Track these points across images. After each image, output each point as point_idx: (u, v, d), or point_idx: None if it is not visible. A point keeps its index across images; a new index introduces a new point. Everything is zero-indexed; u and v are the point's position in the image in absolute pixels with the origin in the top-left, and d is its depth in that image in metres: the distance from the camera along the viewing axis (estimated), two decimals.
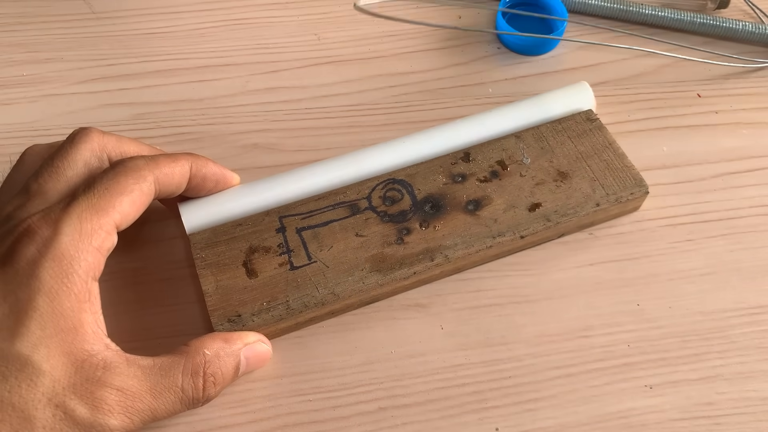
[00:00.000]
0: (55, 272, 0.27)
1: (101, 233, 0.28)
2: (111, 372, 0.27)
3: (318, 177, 0.36)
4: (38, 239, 0.27)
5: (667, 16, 0.45)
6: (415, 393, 0.33)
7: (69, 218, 0.28)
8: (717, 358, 0.34)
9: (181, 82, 0.43)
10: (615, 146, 0.37)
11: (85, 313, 0.28)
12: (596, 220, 0.37)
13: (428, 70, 0.44)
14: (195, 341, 0.30)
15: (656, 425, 0.32)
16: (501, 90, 0.43)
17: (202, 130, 0.41)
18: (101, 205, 0.29)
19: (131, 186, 0.30)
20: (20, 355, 0.25)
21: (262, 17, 0.46)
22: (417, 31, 0.45)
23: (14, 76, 0.43)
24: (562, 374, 0.33)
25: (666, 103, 0.42)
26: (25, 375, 0.25)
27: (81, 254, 0.27)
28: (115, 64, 0.43)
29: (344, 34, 0.45)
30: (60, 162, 0.30)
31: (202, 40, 0.45)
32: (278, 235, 0.34)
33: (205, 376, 0.29)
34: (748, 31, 0.44)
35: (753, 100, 0.42)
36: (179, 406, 0.29)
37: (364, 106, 0.42)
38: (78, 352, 0.27)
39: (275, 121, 0.41)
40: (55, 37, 0.45)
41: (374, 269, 0.33)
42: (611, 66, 0.44)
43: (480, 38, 0.45)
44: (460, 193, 0.35)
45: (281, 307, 0.32)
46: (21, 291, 0.26)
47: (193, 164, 0.33)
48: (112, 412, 0.27)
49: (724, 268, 0.36)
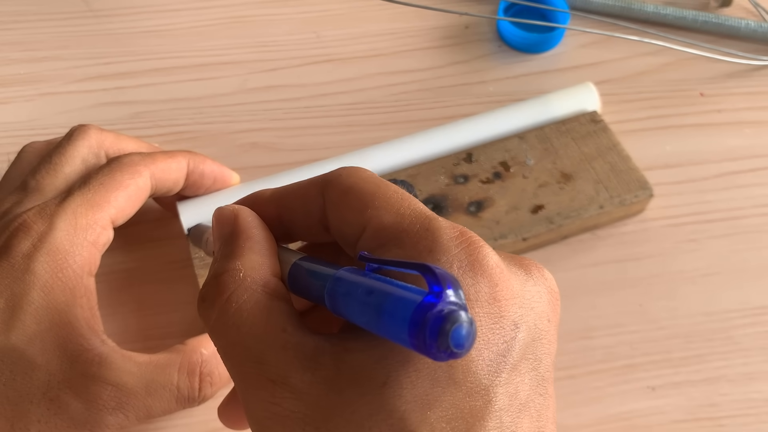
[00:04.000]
0: (50, 266, 0.27)
1: (96, 228, 0.28)
2: (106, 367, 0.27)
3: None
4: (33, 234, 0.27)
5: (669, 15, 0.45)
6: None
7: (64, 213, 0.28)
8: (720, 359, 0.33)
9: (179, 80, 0.43)
10: (619, 148, 0.36)
11: (80, 308, 0.27)
12: (600, 223, 0.36)
13: (428, 69, 0.43)
14: (192, 340, 0.30)
15: (659, 427, 0.32)
16: (502, 88, 0.42)
17: (200, 129, 0.41)
18: (96, 200, 0.29)
19: (127, 181, 0.30)
20: (15, 348, 0.25)
21: (261, 15, 0.46)
22: (417, 29, 0.45)
23: (11, 75, 0.43)
24: (565, 375, 0.33)
25: (668, 102, 0.42)
26: (20, 368, 0.25)
27: (76, 249, 0.28)
28: (113, 62, 0.43)
29: (343, 32, 0.45)
30: (58, 159, 0.30)
31: (200, 38, 0.44)
32: None
33: (201, 375, 0.29)
34: (751, 29, 0.44)
35: (756, 99, 0.42)
36: (174, 405, 0.28)
37: (363, 104, 0.42)
38: (73, 347, 0.27)
39: (274, 119, 0.41)
40: (52, 35, 0.44)
41: None
42: (613, 64, 0.44)
43: (481, 36, 0.45)
44: (462, 194, 0.35)
45: None
46: (16, 285, 0.26)
47: (191, 161, 0.33)
48: (107, 407, 0.26)
49: (727, 268, 0.36)
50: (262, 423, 0.18)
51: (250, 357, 0.18)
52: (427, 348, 0.14)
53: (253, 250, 0.20)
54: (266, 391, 0.18)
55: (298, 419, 0.17)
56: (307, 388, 0.17)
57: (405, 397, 0.17)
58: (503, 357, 0.18)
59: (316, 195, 0.21)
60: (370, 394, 0.17)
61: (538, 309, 0.19)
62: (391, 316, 0.15)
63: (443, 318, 0.14)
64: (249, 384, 0.18)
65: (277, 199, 0.22)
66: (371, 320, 0.16)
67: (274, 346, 0.18)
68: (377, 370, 0.17)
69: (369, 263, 0.18)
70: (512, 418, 0.17)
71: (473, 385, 0.17)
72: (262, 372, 0.18)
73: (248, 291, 0.19)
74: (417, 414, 0.17)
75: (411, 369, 0.17)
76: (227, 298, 0.19)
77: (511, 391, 0.17)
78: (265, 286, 0.19)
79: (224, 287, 0.19)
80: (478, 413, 0.17)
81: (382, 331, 0.16)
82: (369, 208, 0.20)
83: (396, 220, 0.19)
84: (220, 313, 0.19)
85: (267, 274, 0.20)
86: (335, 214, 0.21)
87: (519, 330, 0.18)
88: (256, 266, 0.20)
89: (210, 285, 0.20)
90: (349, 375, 0.17)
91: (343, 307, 0.18)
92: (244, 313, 0.19)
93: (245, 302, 0.19)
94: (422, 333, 0.14)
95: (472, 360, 0.17)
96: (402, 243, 0.18)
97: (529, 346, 0.18)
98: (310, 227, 0.22)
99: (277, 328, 0.18)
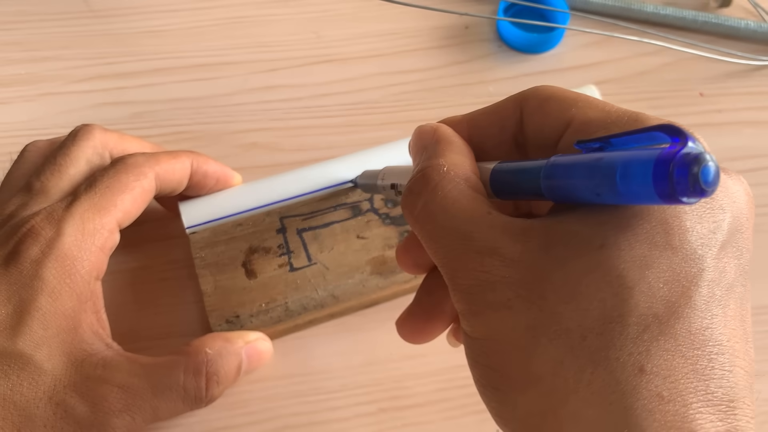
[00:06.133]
0: (58, 272, 0.27)
1: (104, 232, 0.28)
2: (112, 370, 0.27)
3: (320, 177, 0.35)
4: (42, 240, 0.27)
5: (669, 15, 0.45)
6: (416, 394, 0.32)
7: (72, 218, 0.28)
8: None
9: (180, 80, 0.43)
10: None
11: (86, 313, 0.28)
12: None
13: (428, 69, 0.43)
14: (196, 341, 0.30)
15: None
16: (502, 88, 0.43)
17: (200, 129, 0.41)
18: (103, 204, 0.29)
19: (132, 183, 0.30)
20: (22, 353, 0.26)
21: (261, 15, 0.46)
22: (417, 29, 0.45)
23: (11, 75, 0.42)
24: None
25: (668, 102, 0.42)
26: (26, 373, 0.25)
27: (84, 254, 0.28)
28: (113, 62, 0.43)
29: (343, 32, 0.45)
30: (62, 160, 0.30)
31: (200, 39, 0.44)
32: (278, 236, 0.34)
33: (207, 375, 0.29)
34: (750, 30, 0.44)
35: (756, 99, 0.42)
36: (181, 406, 0.29)
37: (363, 104, 0.42)
38: (77, 352, 0.27)
39: (274, 120, 0.41)
40: (53, 35, 0.44)
41: (375, 272, 0.33)
42: (612, 64, 0.44)
43: (481, 36, 0.45)
44: None
45: (280, 309, 0.32)
46: (24, 291, 0.26)
47: (194, 161, 0.33)
48: (113, 410, 0.27)
49: None
50: (469, 292, 0.19)
51: (458, 235, 0.20)
52: (676, 192, 0.15)
53: (455, 152, 0.22)
54: (475, 263, 0.19)
55: (509, 283, 0.18)
56: (518, 255, 0.19)
57: (623, 257, 0.18)
58: (714, 234, 0.19)
59: (513, 109, 0.23)
60: (586, 255, 0.18)
61: (739, 203, 0.20)
62: (627, 176, 0.16)
63: (692, 159, 0.15)
64: (456, 259, 0.19)
65: (468, 121, 0.24)
66: (602, 188, 0.17)
67: (481, 225, 0.19)
68: (593, 235, 0.18)
69: (588, 144, 0.19)
70: (722, 293, 0.18)
71: (689, 252, 0.18)
72: (470, 247, 0.19)
73: (452, 182, 0.21)
74: (635, 273, 0.18)
75: (629, 233, 0.18)
76: (433, 187, 0.21)
77: (720, 268, 0.19)
78: (467, 180, 0.21)
79: (430, 179, 0.21)
80: (693, 279, 0.18)
81: (617, 195, 0.17)
82: (573, 108, 0.21)
83: (602, 115, 0.20)
84: (427, 200, 0.21)
85: (468, 172, 0.21)
86: (535, 120, 0.22)
87: (726, 214, 0.19)
88: (458, 163, 0.21)
89: (416, 179, 0.21)
90: (562, 241, 0.18)
91: (564, 188, 0.19)
92: (449, 199, 0.20)
93: (450, 191, 0.20)
94: (669, 179, 0.15)
95: (688, 230, 0.18)
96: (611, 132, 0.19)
97: (733, 235, 0.19)
98: (502, 144, 0.23)
99: (483, 211, 0.20)
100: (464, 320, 0.20)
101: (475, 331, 0.19)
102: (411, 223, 0.22)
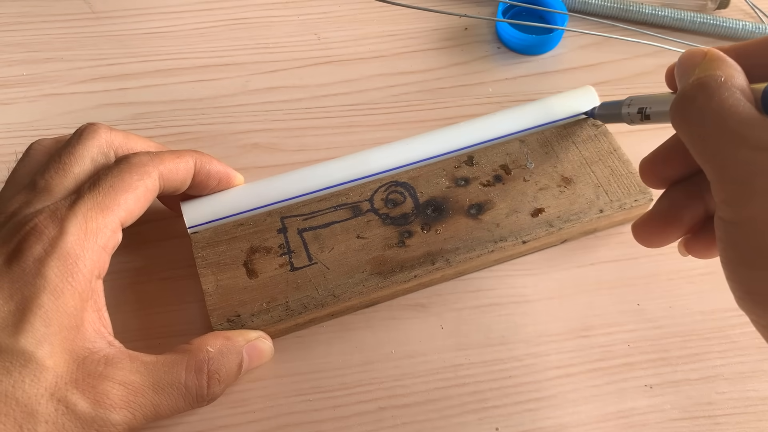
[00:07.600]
0: (61, 271, 0.27)
1: (107, 232, 0.29)
2: (113, 367, 0.27)
3: (321, 178, 0.36)
4: (45, 238, 0.27)
5: (667, 16, 0.45)
6: (415, 393, 0.33)
7: (75, 217, 0.28)
8: (717, 357, 0.34)
9: (181, 81, 0.43)
10: (620, 152, 0.37)
11: (88, 311, 0.28)
12: (600, 227, 0.36)
13: (428, 70, 0.44)
14: (197, 339, 0.30)
15: (656, 425, 0.32)
16: (501, 89, 0.43)
17: (202, 130, 0.41)
18: (106, 203, 0.29)
19: (136, 183, 0.30)
20: (24, 351, 0.26)
21: (262, 17, 0.46)
22: (417, 30, 0.45)
23: (14, 76, 0.43)
24: (562, 374, 0.33)
25: None
26: (28, 370, 0.26)
27: (86, 253, 0.28)
28: (115, 63, 0.43)
29: (344, 33, 0.45)
30: (67, 158, 0.30)
31: (201, 40, 0.45)
32: (279, 236, 0.34)
33: (209, 373, 0.29)
34: (748, 31, 0.44)
35: None
36: (182, 403, 0.29)
37: (364, 105, 0.42)
38: (79, 349, 0.27)
39: (275, 120, 0.41)
40: (55, 36, 0.45)
41: (375, 272, 0.33)
42: (611, 66, 0.44)
43: (480, 38, 0.45)
44: (463, 196, 0.35)
45: (280, 308, 0.32)
46: (27, 289, 0.26)
47: (198, 160, 0.33)
48: (114, 406, 0.27)
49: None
50: (737, 181, 0.22)
51: (733, 136, 0.22)
52: None
53: (730, 67, 0.24)
54: (748, 157, 0.21)
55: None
56: None
57: None
58: None
59: None
60: None
61: None
62: None
63: None
64: (729, 156, 0.22)
65: (736, 49, 0.25)
66: None
67: (756, 127, 0.21)
68: None
69: None
70: None
71: None
72: (744, 144, 0.21)
73: (729, 90, 0.23)
74: None
75: None
76: (710, 94, 0.23)
77: None
78: (742, 91, 0.23)
79: (707, 86, 0.23)
80: None
81: None
82: None
83: None
84: (702, 105, 0.23)
85: (744, 84, 0.23)
86: None
87: None
88: (734, 75, 0.23)
89: (693, 85, 0.23)
90: None
91: None
92: (726, 105, 0.22)
93: (727, 98, 0.22)
94: None
95: None
96: None
97: None
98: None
99: (758, 116, 0.22)
100: (727, 207, 0.22)
101: (738, 216, 0.22)
102: (680, 125, 0.24)
